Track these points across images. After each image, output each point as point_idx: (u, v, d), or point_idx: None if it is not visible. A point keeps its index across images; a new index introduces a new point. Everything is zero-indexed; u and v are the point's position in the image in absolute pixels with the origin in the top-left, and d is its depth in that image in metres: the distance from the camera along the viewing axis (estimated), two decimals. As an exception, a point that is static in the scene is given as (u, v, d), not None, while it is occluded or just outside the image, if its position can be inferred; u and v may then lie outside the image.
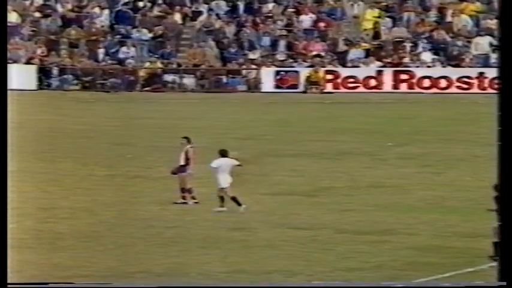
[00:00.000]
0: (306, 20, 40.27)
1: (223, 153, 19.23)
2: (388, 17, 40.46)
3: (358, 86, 38.07)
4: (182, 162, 19.41)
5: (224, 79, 38.59)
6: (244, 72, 38.79)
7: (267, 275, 14.91)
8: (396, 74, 38.32)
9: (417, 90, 37.89)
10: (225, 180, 18.83)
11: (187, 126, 28.00)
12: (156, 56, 39.14)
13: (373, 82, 38.24)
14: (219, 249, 16.37)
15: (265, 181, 21.68)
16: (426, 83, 38.15)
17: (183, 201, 19.47)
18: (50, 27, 39.85)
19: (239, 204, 18.67)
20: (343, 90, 37.99)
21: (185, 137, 19.64)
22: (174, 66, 38.92)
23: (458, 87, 37.35)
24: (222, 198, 18.87)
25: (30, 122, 30.02)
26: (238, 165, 18.96)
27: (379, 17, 40.27)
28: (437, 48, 39.37)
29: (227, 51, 39.30)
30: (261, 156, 24.81)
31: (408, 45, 39.40)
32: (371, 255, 16.05)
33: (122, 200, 19.73)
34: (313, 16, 40.40)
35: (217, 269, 15.14)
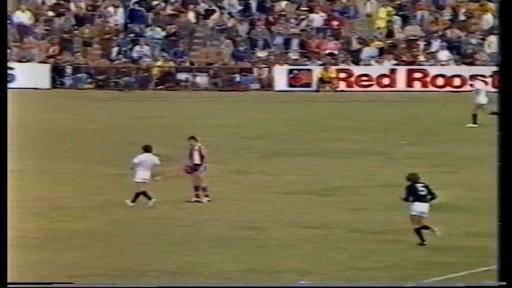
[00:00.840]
0: (319, 18, 40.22)
1: (147, 149, 19.14)
2: (402, 15, 40.36)
3: (372, 85, 37.98)
4: (197, 161, 19.40)
5: (237, 78, 38.59)
6: (257, 70, 38.79)
7: (279, 274, 14.91)
8: (410, 72, 38.21)
9: (431, 88, 37.77)
10: (141, 175, 18.72)
11: (200, 125, 28.02)
12: (169, 54, 39.20)
13: (386, 80, 38.14)
14: (231, 248, 16.37)
15: (277, 180, 21.66)
16: (440, 81, 38.03)
17: (197, 199, 19.48)
18: (64, 26, 39.94)
19: (149, 198, 18.71)
20: (356, 88, 37.92)
21: (192, 137, 19.62)
22: (187, 64, 38.95)
23: (472, 85, 37.23)
24: (137, 195, 18.81)
25: (43, 121, 30.11)
26: (158, 164, 18.89)
27: (394, 14, 40.16)
28: (451, 47, 39.24)
29: (240, 50, 39.31)
30: (273, 155, 24.81)
31: (422, 44, 39.29)
32: (384, 255, 16.02)
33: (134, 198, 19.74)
34: (326, 14, 40.35)
35: (230, 268, 15.15)
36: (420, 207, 16.51)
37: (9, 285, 10.92)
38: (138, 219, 18.35)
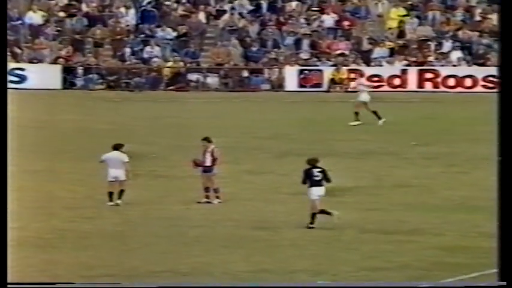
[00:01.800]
0: (330, 18, 40.17)
1: (116, 147, 19.14)
2: (413, 16, 40.27)
3: (383, 85, 37.89)
4: (208, 163, 19.37)
5: (247, 78, 38.56)
6: (267, 71, 38.76)
7: (291, 275, 14.87)
8: (421, 72, 38.10)
9: (442, 89, 37.65)
10: (112, 173, 18.76)
11: (211, 126, 27.99)
12: (180, 55, 39.21)
13: (397, 81, 38.04)
14: (243, 248, 16.35)
15: (289, 180, 21.62)
16: (451, 82, 37.89)
17: (207, 200, 19.46)
18: (75, 27, 40.00)
19: (119, 198, 18.73)
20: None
21: (205, 138, 19.58)
22: (198, 65, 38.95)
23: (483, 86, 37.07)
24: (110, 194, 18.81)
25: (55, 122, 30.15)
26: (127, 161, 18.84)
27: (405, 15, 40.09)
28: (462, 47, 39.12)
29: (250, 50, 39.29)
30: (285, 156, 24.77)
31: (433, 44, 39.19)
32: (396, 255, 15.96)
33: (146, 199, 19.76)
34: (337, 15, 40.30)
35: (242, 269, 15.12)
36: (317, 191, 17.36)
37: (9, 285, 10.91)
38: (150, 219, 18.34)
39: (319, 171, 17.51)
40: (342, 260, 15.70)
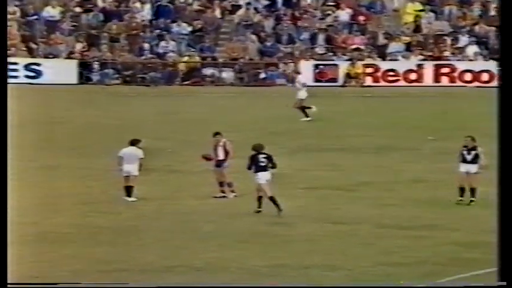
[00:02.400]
0: (345, 13, 40.05)
1: (133, 142, 19.13)
2: (430, 10, 40.09)
3: (398, 80, 37.73)
4: (221, 157, 19.35)
5: (263, 73, 38.50)
6: (282, 66, 38.69)
7: (307, 270, 14.83)
8: (437, 67, 37.92)
9: (459, 83, 37.46)
10: (126, 169, 18.75)
11: (226, 120, 27.98)
12: (195, 50, 39.19)
13: (413, 76, 37.88)
14: (258, 243, 16.31)
15: (304, 176, 21.57)
16: (468, 76, 37.69)
17: (223, 195, 19.43)
18: (91, 22, 40.06)
19: (129, 196, 18.73)
20: (383, 83, 37.70)
21: (217, 132, 19.56)
22: (213, 60, 38.94)
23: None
24: (126, 189, 18.79)
25: (70, 117, 30.21)
26: (142, 157, 18.92)
27: (421, 10, 39.91)
28: (479, 42, 38.90)
29: (266, 45, 39.23)
30: (300, 151, 24.70)
31: (449, 39, 38.99)
32: (412, 251, 15.89)
33: (160, 194, 19.75)
34: (352, 10, 40.17)
35: (257, 264, 15.08)
36: (264, 176, 17.90)
37: (9, 285, 10.92)
38: (165, 214, 18.34)
39: (264, 157, 18.10)
40: (358, 255, 15.64)
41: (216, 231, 17.11)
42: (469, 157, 19.12)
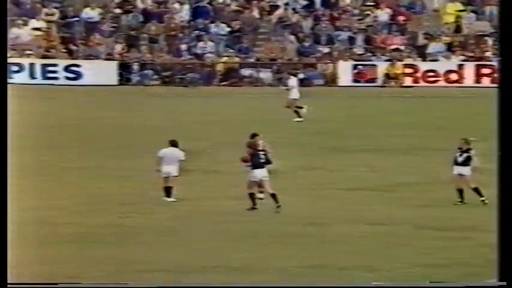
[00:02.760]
0: (385, 13, 39.84)
1: (173, 143, 19.08)
2: (471, 11, 39.73)
3: (439, 80, 37.44)
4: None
5: (301, 73, 38.45)
6: (321, 66, 38.59)
7: (343, 271, 14.76)
8: (478, 68, 37.56)
9: (500, 84, 37.04)
10: (166, 169, 18.72)
11: (264, 121, 27.96)
12: (234, 50, 39.26)
13: (454, 76, 37.56)
14: (294, 244, 16.29)
15: (340, 176, 21.48)
16: (509, 77, 37.27)
17: (261, 196, 19.40)
18: (131, 23, 40.33)
19: (168, 196, 18.72)
20: (422, 84, 37.43)
21: (255, 134, 19.51)
22: (252, 60, 38.96)
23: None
24: (166, 189, 18.77)
25: (110, 118, 30.43)
26: (183, 159, 18.98)
27: (462, 10, 39.56)
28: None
29: (304, 45, 39.17)
30: (338, 151, 24.61)
31: (490, 40, 38.59)
32: (451, 252, 15.75)
33: (198, 194, 19.81)
34: (392, 10, 39.95)
35: (293, 264, 15.06)
36: (261, 173, 18.23)
37: (9, 286, 11.00)
38: (201, 214, 18.38)
39: (263, 154, 18.41)
40: (396, 256, 15.54)
41: (253, 231, 17.11)
42: (460, 159, 19.09)
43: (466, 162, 18.96)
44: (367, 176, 21.64)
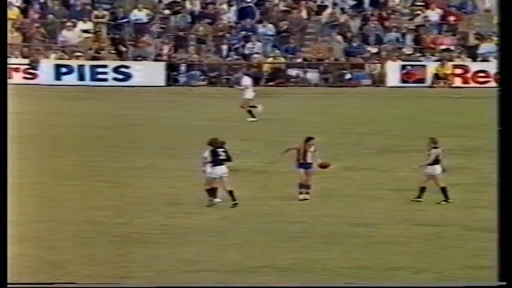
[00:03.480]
0: (435, 13, 39.54)
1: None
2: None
3: (489, 81, 37.04)
4: (310, 160, 19.32)
5: (348, 73, 38.33)
6: (368, 66, 38.43)
7: (392, 272, 14.69)
8: (530, 68, 37.05)
9: (552, 84, 36.53)
10: (213, 170, 18.76)
11: (311, 121, 27.94)
12: (281, 50, 39.28)
13: (504, 77, 37.11)
14: (342, 244, 16.24)
15: (389, 177, 21.37)
16: (561, 76, 36.74)
17: (305, 197, 19.39)
18: (179, 24, 40.58)
19: (214, 197, 18.81)
20: (472, 84, 37.06)
21: (311, 137, 19.47)
22: (299, 60, 38.94)
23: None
24: (210, 190, 18.82)
25: (158, 118, 30.66)
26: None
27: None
28: None
29: (352, 46, 39.05)
30: (386, 152, 24.48)
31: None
32: (500, 254, 15.55)
33: (245, 195, 19.85)
34: (442, 10, 39.63)
35: (341, 265, 15.02)
36: (221, 170, 18.43)
37: (9, 285, 11.10)
38: (250, 215, 18.43)
39: (222, 151, 18.61)
40: (446, 257, 15.42)
41: (300, 232, 17.10)
42: (430, 159, 19.00)
43: (435, 161, 18.93)
44: (416, 176, 21.48)
